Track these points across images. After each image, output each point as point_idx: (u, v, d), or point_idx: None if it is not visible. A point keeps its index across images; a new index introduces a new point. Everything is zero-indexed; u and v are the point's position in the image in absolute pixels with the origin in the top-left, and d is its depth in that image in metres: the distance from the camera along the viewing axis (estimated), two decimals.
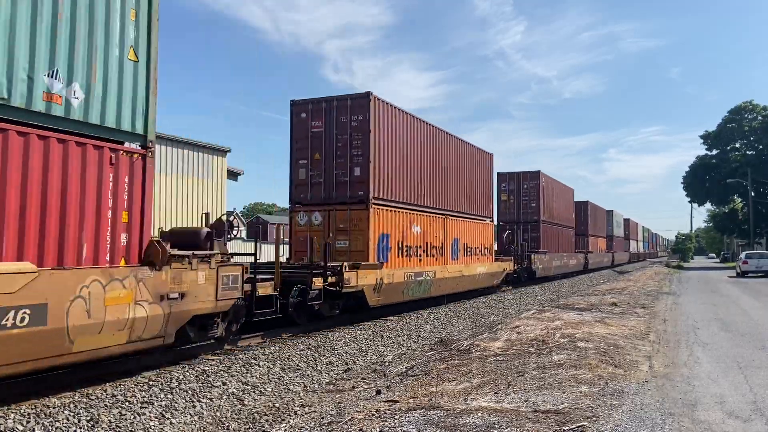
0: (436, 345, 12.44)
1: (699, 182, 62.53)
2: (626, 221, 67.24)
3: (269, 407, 7.88)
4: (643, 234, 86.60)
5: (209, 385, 8.36)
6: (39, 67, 6.84)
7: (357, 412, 6.59)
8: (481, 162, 23.02)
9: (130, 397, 7.40)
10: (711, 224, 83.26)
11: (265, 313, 10.97)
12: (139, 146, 8.14)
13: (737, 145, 62.01)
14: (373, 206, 14.85)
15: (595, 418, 5.94)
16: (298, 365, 10.01)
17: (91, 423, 6.64)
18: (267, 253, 18.48)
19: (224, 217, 11.43)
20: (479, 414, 6.11)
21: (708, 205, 71.16)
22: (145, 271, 7.88)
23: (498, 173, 30.56)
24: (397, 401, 6.95)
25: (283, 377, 9.36)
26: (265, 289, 10.94)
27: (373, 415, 6.35)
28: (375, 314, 15.26)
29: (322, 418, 6.63)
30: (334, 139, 15.13)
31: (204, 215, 11.80)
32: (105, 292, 7.25)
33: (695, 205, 70.69)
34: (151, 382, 7.99)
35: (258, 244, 11.38)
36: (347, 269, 13.27)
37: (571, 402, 6.55)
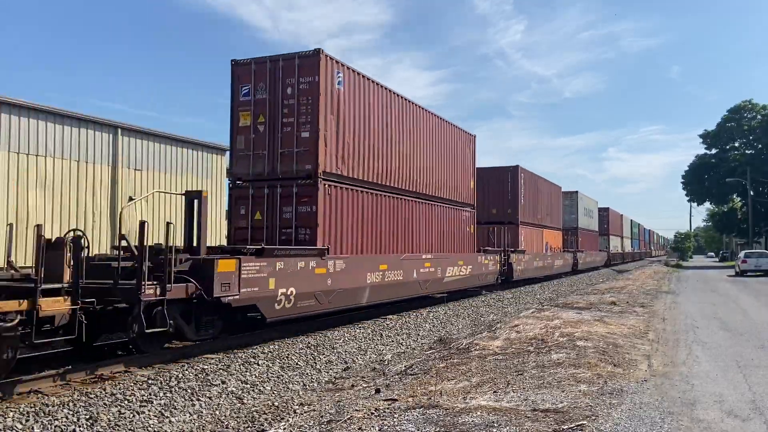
0: (435, 344, 12.45)
1: (698, 181, 62.69)
2: (603, 211, 50.76)
3: (268, 406, 7.88)
4: (631, 229, 69.67)
5: (208, 383, 8.35)
6: None
7: (356, 410, 6.59)
8: None
9: (130, 396, 7.40)
10: (710, 223, 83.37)
11: None
12: None
13: (736, 144, 62.12)
14: None
15: (594, 417, 5.94)
16: (297, 364, 10.01)
17: (90, 421, 6.64)
18: None
19: None
20: (478, 413, 6.11)
21: (707, 205, 71.34)
22: None
23: (234, 61, 13.25)
24: (397, 400, 6.95)
25: (282, 376, 9.36)
26: None
27: (372, 413, 6.35)
28: None
29: (322, 416, 6.63)
30: None
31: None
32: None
33: (695, 204, 70.83)
34: (150, 381, 7.99)
35: None
36: None
37: (571, 401, 6.56)
